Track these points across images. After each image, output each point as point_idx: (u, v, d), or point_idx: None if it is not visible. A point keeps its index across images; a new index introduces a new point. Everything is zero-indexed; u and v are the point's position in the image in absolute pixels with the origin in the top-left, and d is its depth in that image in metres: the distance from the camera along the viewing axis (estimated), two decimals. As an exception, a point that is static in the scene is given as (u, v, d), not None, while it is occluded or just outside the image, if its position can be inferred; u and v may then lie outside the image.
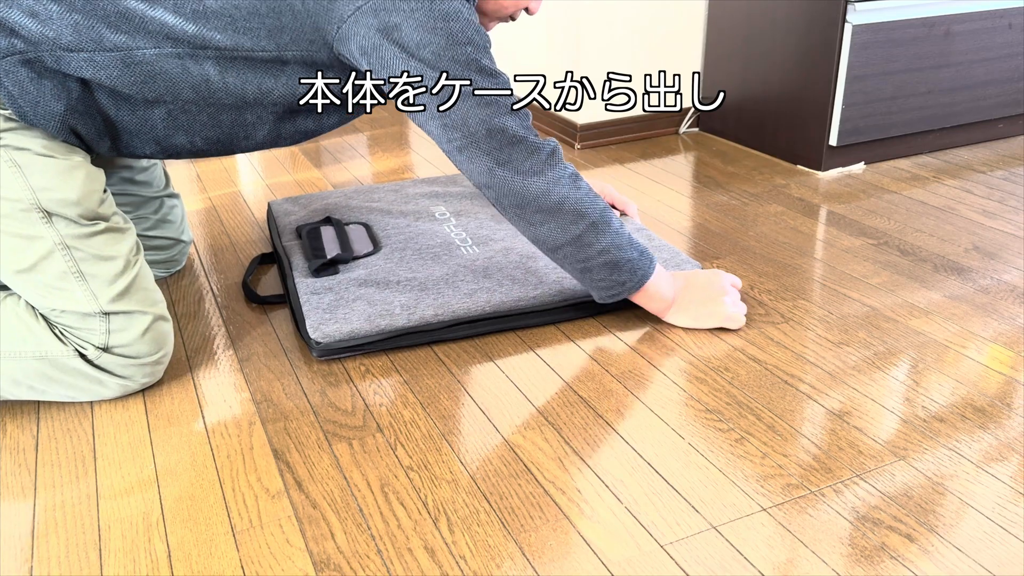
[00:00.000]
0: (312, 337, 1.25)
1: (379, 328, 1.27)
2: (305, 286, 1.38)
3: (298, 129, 1.26)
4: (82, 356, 1.14)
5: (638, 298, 1.31)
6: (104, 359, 1.14)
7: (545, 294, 1.35)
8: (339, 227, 1.59)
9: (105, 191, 1.19)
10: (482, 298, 1.33)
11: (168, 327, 1.21)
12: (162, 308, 1.20)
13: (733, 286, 1.37)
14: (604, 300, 1.30)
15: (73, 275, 1.13)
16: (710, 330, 1.32)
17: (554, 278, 1.39)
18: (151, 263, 1.51)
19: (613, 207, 1.65)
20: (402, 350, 1.29)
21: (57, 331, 1.14)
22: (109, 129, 1.18)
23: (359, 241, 1.55)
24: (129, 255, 1.18)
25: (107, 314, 1.14)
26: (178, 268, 1.57)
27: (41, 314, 1.15)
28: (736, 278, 1.40)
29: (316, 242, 1.53)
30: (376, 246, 1.53)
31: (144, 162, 1.49)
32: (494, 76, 1.17)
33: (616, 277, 1.26)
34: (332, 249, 1.50)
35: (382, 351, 1.28)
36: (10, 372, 1.12)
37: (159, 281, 1.54)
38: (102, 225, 1.16)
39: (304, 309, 1.31)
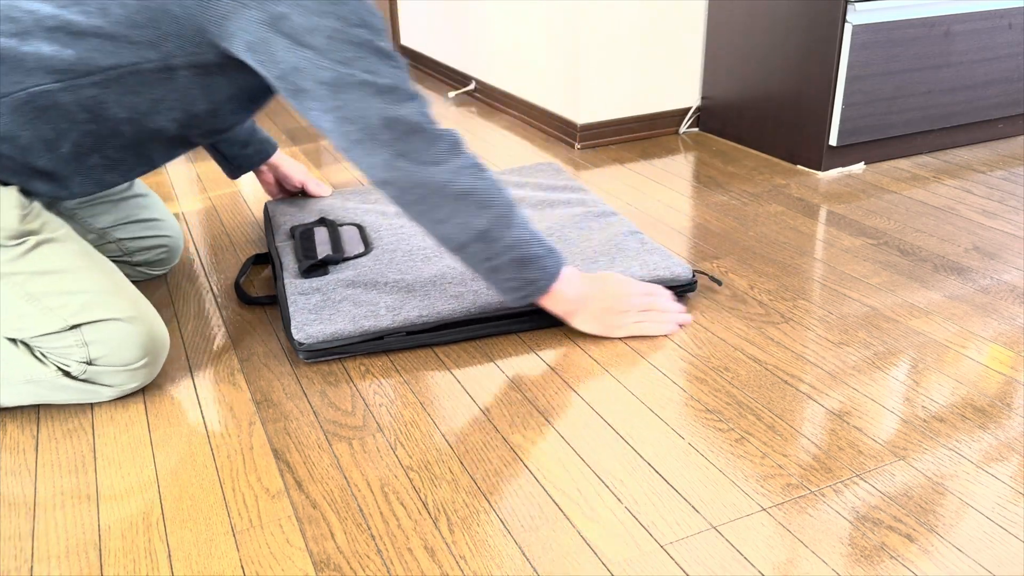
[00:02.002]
0: (295, 338, 1.25)
1: (363, 329, 1.26)
2: (294, 287, 1.37)
3: (205, 130, 1.21)
4: (67, 375, 1.12)
5: (546, 300, 1.24)
6: (91, 372, 1.12)
7: None
8: (332, 228, 1.59)
9: (30, 203, 1.12)
10: (468, 300, 1.32)
11: (149, 328, 1.16)
12: (139, 310, 1.16)
13: (649, 295, 1.31)
14: (516, 303, 1.23)
15: (23, 299, 1.09)
16: (709, 330, 1.32)
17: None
18: (143, 264, 1.51)
19: None
20: (402, 350, 1.29)
21: (38, 354, 1.12)
22: (36, 174, 1.13)
23: (351, 242, 1.54)
24: (76, 261, 1.13)
25: (76, 327, 1.10)
26: (169, 267, 1.56)
27: (22, 340, 1.13)
28: (663, 289, 1.34)
29: (308, 243, 1.52)
30: (368, 247, 1.52)
31: None
32: (391, 59, 1.10)
33: (526, 275, 1.19)
34: (324, 250, 1.49)
35: (373, 353, 1.28)
36: (7, 396, 1.13)
37: (158, 280, 1.54)
38: (32, 240, 1.11)
39: (291, 310, 1.30)
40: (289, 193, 1.78)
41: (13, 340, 1.13)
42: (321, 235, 1.56)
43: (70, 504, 0.99)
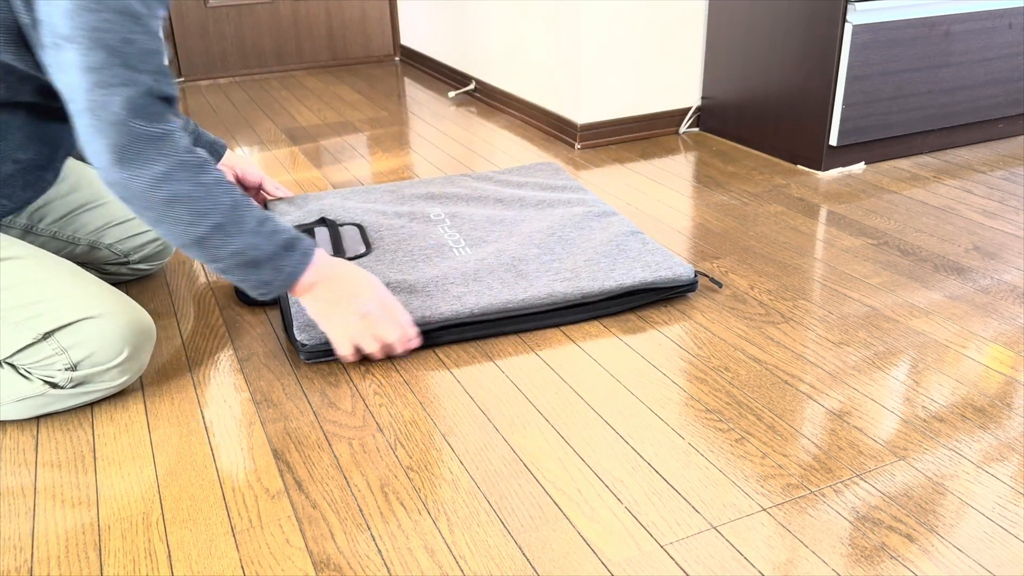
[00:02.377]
0: (298, 339, 1.24)
1: None
2: None
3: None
4: (55, 386, 1.11)
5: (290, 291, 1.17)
6: (77, 378, 1.11)
7: (534, 297, 1.34)
8: (333, 228, 1.59)
9: None
10: (470, 301, 1.32)
11: (126, 320, 1.13)
12: (109, 304, 1.13)
13: (388, 308, 1.21)
14: (260, 297, 1.16)
15: None
16: (709, 330, 1.32)
17: (544, 281, 1.38)
18: (143, 260, 1.50)
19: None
20: (402, 350, 1.29)
21: (23, 371, 1.11)
22: None
23: (351, 242, 1.54)
24: (34, 273, 1.12)
25: (49, 335, 1.09)
26: (167, 257, 1.55)
27: (8, 362, 1.12)
28: (402, 310, 1.24)
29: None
30: (368, 247, 1.52)
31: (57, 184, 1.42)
32: (140, 23, 1.00)
33: (260, 277, 1.12)
34: (324, 250, 1.49)
35: (382, 351, 1.29)
36: (4, 413, 1.13)
37: (158, 281, 1.54)
38: None
39: (292, 310, 1.30)
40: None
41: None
42: (322, 235, 1.56)
43: (70, 504, 0.99)
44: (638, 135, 2.33)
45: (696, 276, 1.42)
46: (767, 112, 2.14)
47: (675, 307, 1.40)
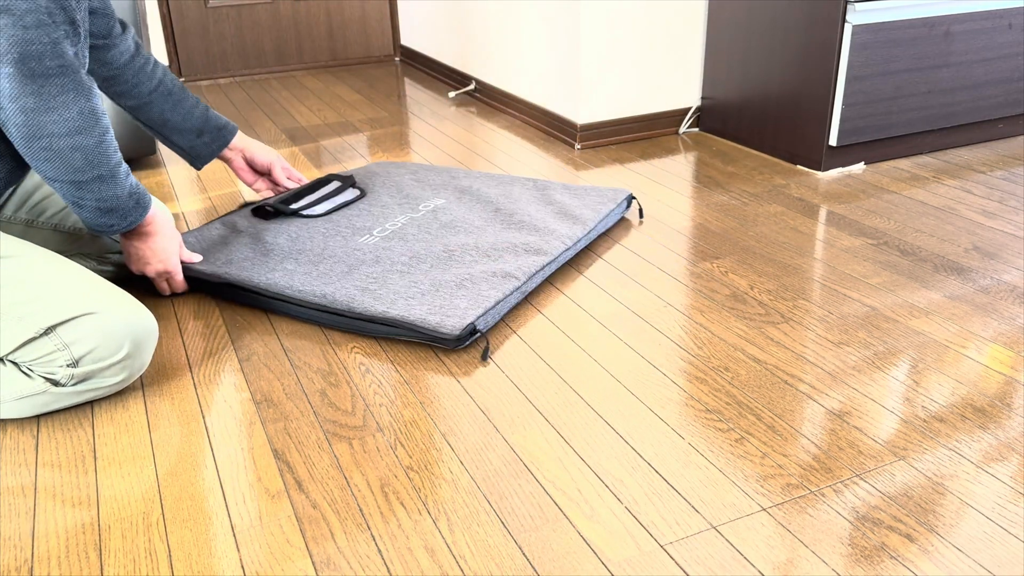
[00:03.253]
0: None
1: (216, 273, 1.43)
2: (235, 214, 1.62)
3: None
4: (56, 383, 1.11)
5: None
6: (79, 375, 1.11)
7: (325, 296, 1.36)
8: (343, 185, 1.76)
9: None
10: (315, 286, 1.39)
11: (127, 316, 1.15)
12: (110, 301, 1.15)
13: (165, 272, 1.41)
14: (93, 229, 1.29)
15: None
16: (709, 330, 1.32)
17: (353, 289, 1.37)
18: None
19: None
20: (401, 350, 1.29)
21: (25, 369, 1.11)
22: None
23: (332, 203, 1.70)
24: (35, 271, 1.13)
25: (51, 329, 1.10)
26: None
27: (10, 359, 1.12)
28: (178, 282, 1.45)
29: (306, 190, 1.72)
30: (333, 210, 1.67)
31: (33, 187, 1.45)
32: None
33: (105, 220, 1.26)
34: (308, 199, 1.70)
35: (373, 352, 1.28)
36: (5, 412, 1.13)
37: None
38: None
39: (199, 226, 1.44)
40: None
41: (0, 360, 1.12)
42: (324, 189, 1.73)
43: (70, 504, 0.99)
44: (638, 135, 2.33)
45: (461, 334, 1.27)
46: (767, 112, 2.14)
47: (675, 307, 1.40)
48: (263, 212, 1.65)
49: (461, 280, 1.39)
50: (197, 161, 1.67)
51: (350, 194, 1.75)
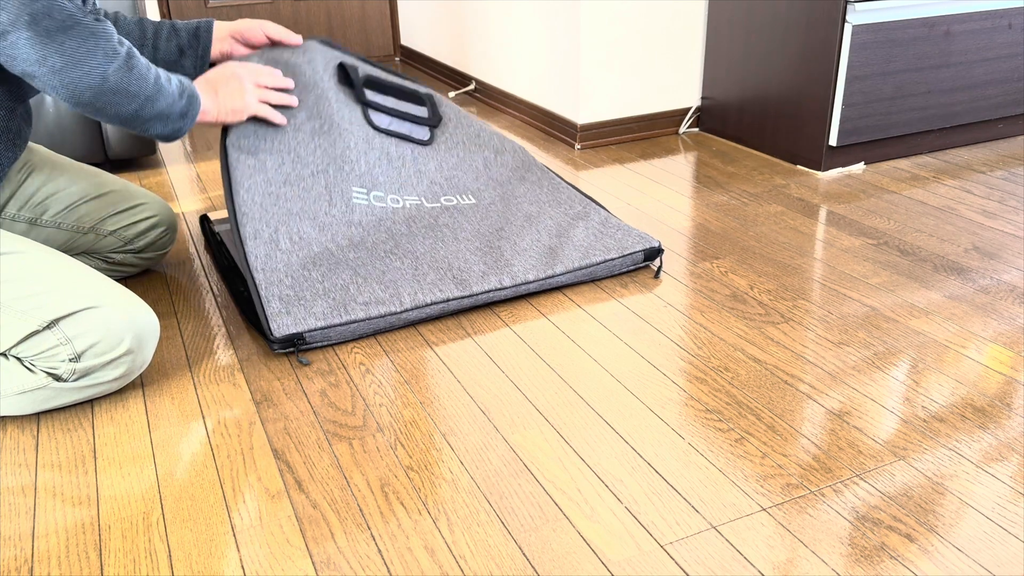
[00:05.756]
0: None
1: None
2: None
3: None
4: (58, 379, 1.11)
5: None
6: (80, 370, 1.11)
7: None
8: (423, 119, 1.69)
9: None
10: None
11: (129, 312, 1.15)
12: (112, 296, 1.15)
13: (256, 73, 1.43)
14: (178, 135, 1.32)
15: None
16: (709, 330, 1.32)
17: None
18: (147, 248, 1.51)
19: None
20: (401, 350, 1.29)
21: (27, 363, 1.11)
22: None
23: (399, 124, 1.65)
24: (36, 265, 1.13)
25: (53, 323, 1.10)
26: (170, 247, 1.56)
27: (12, 354, 1.12)
28: (270, 74, 1.46)
29: (394, 89, 1.68)
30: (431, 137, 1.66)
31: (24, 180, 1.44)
32: None
33: (180, 125, 1.29)
34: (384, 101, 1.66)
35: (373, 352, 1.28)
36: (5, 407, 1.13)
37: (158, 280, 1.54)
38: None
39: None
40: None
41: (3, 355, 1.12)
42: (407, 105, 1.68)
43: (70, 504, 0.99)
44: (638, 135, 2.33)
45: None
46: (767, 112, 2.14)
47: (675, 307, 1.40)
48: (345, 75, 1.60)
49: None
50: (198, 72, 1.55)
51: (422, 132, 1.68)
